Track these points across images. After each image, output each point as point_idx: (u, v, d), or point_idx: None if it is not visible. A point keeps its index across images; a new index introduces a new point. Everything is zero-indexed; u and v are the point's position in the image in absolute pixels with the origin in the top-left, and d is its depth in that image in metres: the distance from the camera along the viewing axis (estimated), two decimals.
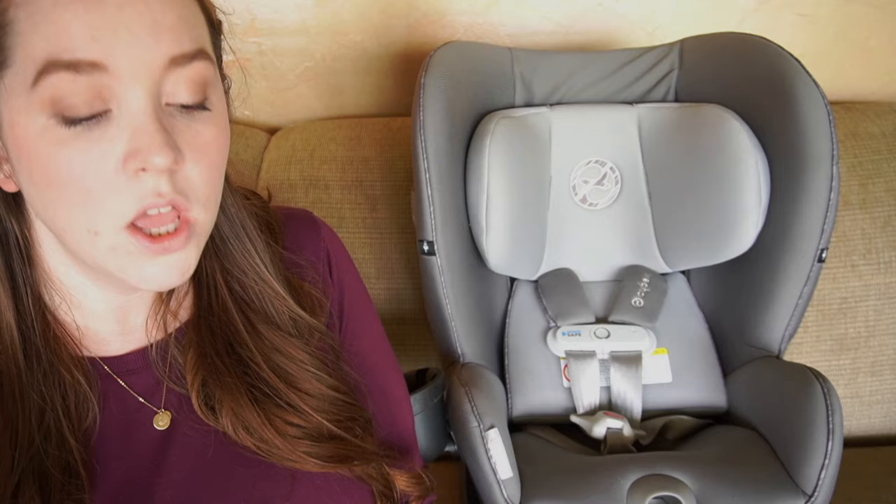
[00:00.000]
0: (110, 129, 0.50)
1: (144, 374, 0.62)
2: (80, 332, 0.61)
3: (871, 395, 1.17)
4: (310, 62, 1.28)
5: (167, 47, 0.50)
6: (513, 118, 1.01)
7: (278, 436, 0.61)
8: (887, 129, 1.21)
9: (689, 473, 0.83)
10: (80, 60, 0.48)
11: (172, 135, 0.51)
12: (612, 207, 1.08)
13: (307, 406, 0.63)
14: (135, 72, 0.49)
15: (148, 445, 0.60)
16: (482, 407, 0.83)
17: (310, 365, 0.65)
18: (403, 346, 1.17)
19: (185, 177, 0.53)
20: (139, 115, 0.50)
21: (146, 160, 0.49)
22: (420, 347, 1.17)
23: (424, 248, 0.91)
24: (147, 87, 0.50)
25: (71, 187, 0.50)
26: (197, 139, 0.53)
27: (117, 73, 0.49)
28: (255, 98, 1.32)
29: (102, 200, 0.50)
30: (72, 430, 0.57)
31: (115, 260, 0.52)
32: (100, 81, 0.48)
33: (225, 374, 0.61)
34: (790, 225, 0.93)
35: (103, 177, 0.50)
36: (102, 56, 0.48)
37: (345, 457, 0.63)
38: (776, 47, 0.96)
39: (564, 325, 1.01)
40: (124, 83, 0.49)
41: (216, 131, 0.55)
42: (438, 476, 0.74)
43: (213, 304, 0.64)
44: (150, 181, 0.50)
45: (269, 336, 0.65)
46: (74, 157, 0.49)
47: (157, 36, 0.50)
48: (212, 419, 0.61)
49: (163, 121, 0.51)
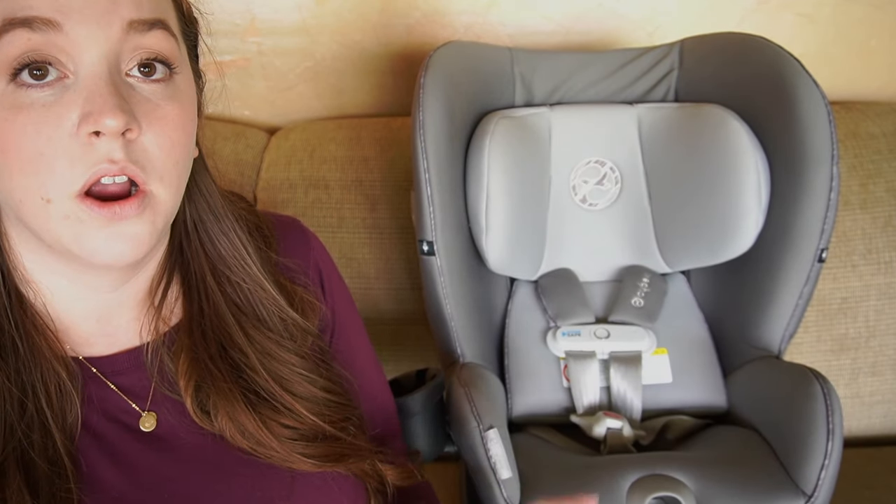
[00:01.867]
0: (66, 95, 0.50)
1: (131, 375, 0.62)
2: (62, 330, 0.60)
3: (871, 395, 1.17)
4: (310, 62, 1.28)
5: (126, 11, 0.51)
6: (513, 118, 1.01)
7: (274, 438, 0.61)
8: (888, 129, 1.21)
9: (689, 474, 0.83)
10: (35, 17, 0.48)
11: (130, 103, 0.51)
12: (612, 207, 1.07)
13: (301, 408, 0.63)
14: (90, 33, 0.50)
15: (136, 447, 0.60)
16: (482, 407, 0.83)
17: (301, 367, 0.65)
18: (403, 346, 1.17)
19: (141, 148, 0.52)
20: (94, 79, 0.50)
21: (98, 121, 0.49)
22: (420, 347, 1.17)
23: (424, 248, 0.91)
24: (104, 51, 0.50)
25: (24, 152, 0.50)
26: (156, 111, 0.53)
27: (72, 35, 0.49)
28: (255, 98, 1.32)
29: (54, 165, 0.50)
30: (56, 422, 0.57)
31: (68, 229, 0.52)
32: (55, 43, 0.49)
33: (219, 380, 0.61)
34: (790, 225, 0.93)
35: (58, 142, 0.50)
36: (58, 15, 0.49)
37: (340, 455, 0.63)
38: (776, 47, 0.96)
39: (564, 325, 1.01)
40: (80, 46, 0.49)
41: (178, 109, 0.54)
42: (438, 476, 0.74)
43: (205, 307, 0.64)
44: (103, 146, 0.50)
45: (259, 339, 0.64)
46: (29, 122, 0.49)
47: (114, 0, 0.50)
48: (207, 423, 0.61)
49: (119, 87, 0.51)
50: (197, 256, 0.64)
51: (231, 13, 1.22)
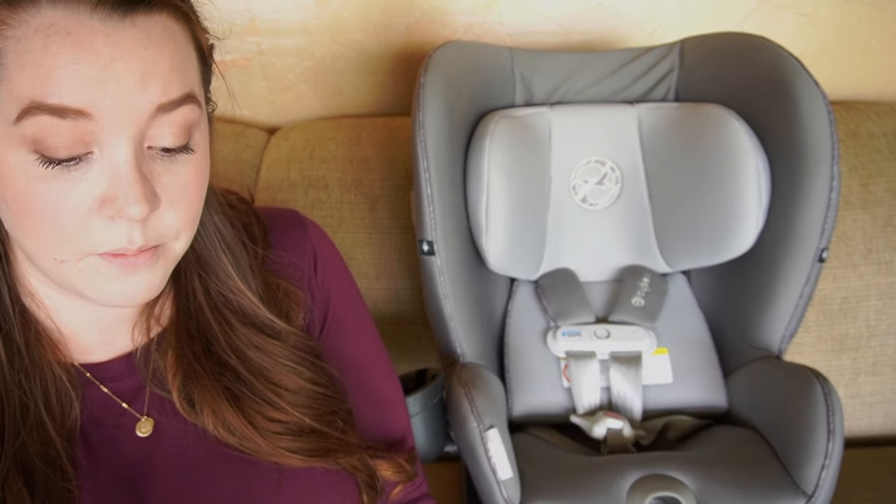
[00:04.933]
0: (91, 172, 0.49)
1: (127, 380, 0.62)
2: (63, 339, 0.61)
3: (871, 395, 1.17)
4: (310, 62, 1.28)
5: (155, 96, 0.50)
6: (513, 118, 1.01)
7: (258, 433, 0.61)
8: (888, 129, 1.21)
9: (689, 474, 0.83)
10: (66, 107, 0.47)
11: (151, 179, 0.51)
12: (613, 207, 1.07)
13: (285, 402, 0.63)
14: (120, 121, 0.49)
15: (133, 451, 0.61)
16: (481, 407, 0.83)
17: (286, 359, 0.65)
18: (403, 346, 1.17)
19: (160, 221, 0.53)
20: (120, 162, 0.49)
21: (122, 210, 0.49)
22: (420, 347, 1.17)
23: (424, 248, 0.91)
24: (131, 135, 0.50)
25: (44, 220, 0.50)
26: (175, 181, 0.53)
27: (102, 121, 0.48)
28: (255, 98, 1.32)
29: (72, 236, 0.50)
30: (55, 426, 0.57)
31: (84, 280, 0.53)
32: (84, 127, 0.48)
33: (202, 377, 0.62)
34: (790, 225, 0.92)
35: (78, 216, 0.50)
36: (88, 105, 0.47)
37: (327, 450, 0.63)
38: (776, 47, 0.96)
39: (564, 325, 1.01)
40: (108, 131, 0.49)
41: (195, 171, 0.54)
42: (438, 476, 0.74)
43: (191, 308, 0.64)
44: (123, 227, 0.51)
45: (245, 332, 0.65)
46: (51, 195, 0.49)
47: (145, 86, 0.49)
48: (192, 416, 0.62)
49: (143, 168, 0.50)
50: (186, 259, 0.64)
51: (231, 13, 1.21)
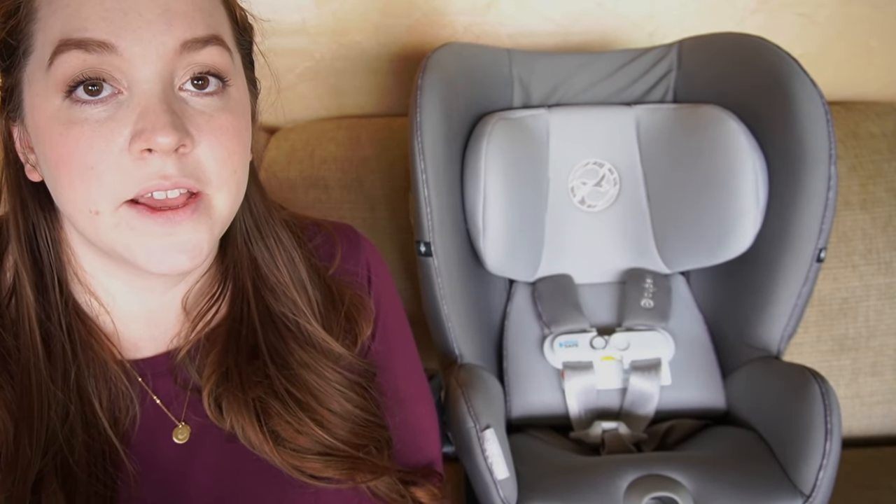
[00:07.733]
0: (120, 111, 0.50)
1: (169, 380, 0.61)
2: (114, 333, 0.60)
3: (871, 395, 1.17)
4: (310, 62, 1.28)
5: (179, 32, 0.51)
6: (510, 119, 1.01)
7: (276, 450, 0.60)
8: (888, 130, 1.21)
9: (687, 474, 0.83)
10: (90, 39, 0.49)
11: (183, 118, 0.51)
12: (611, 209, 1.07)
13: (327, 424, 0.61)
14: (145, 54, 0.50)
15: (170, 458, 0.60)
16: (478, 407, 0.83)
17: (336, 382, 0.63)
18: None
19: (196, 160, 0.52)
20: (148, 96, 0.50)
21: (150, 139, 0.49)
22: (419, 348, 1.16)
23: (422, 249, 0.91)
24: (157, 71, 0.50)
25: (75, 166, 0.50)
26: (210, 122, 0.53)
27: (126, 54, 0.50)
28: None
29: (103, 179, 0.50)
30: (110, 425, 0.57)
31: (120, 237, 0.52)
32: (110, 62, 0.49)
33: (236, 385, 0.60)
34: (788, 225, 0.92)
35: (109, 157, 0.50)
36: (112, 37, 0.49)
37: (353, 470, 0.61)
38: (774, 47, 0.95)
39: (558, 331, 1.01)
40: (134, 66, 0.50)
41: (232, 118, 0.54)
42: None
43: (244, 314, 0.63)
44: (155, 163, 0.50)
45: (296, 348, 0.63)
46: (82, 137, 0.50)
47: (168, 21, 0.50)
48: (221, 421, 0.60)
49: (172, 104, 0.51)
50: (239, 260, 0.64)
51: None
